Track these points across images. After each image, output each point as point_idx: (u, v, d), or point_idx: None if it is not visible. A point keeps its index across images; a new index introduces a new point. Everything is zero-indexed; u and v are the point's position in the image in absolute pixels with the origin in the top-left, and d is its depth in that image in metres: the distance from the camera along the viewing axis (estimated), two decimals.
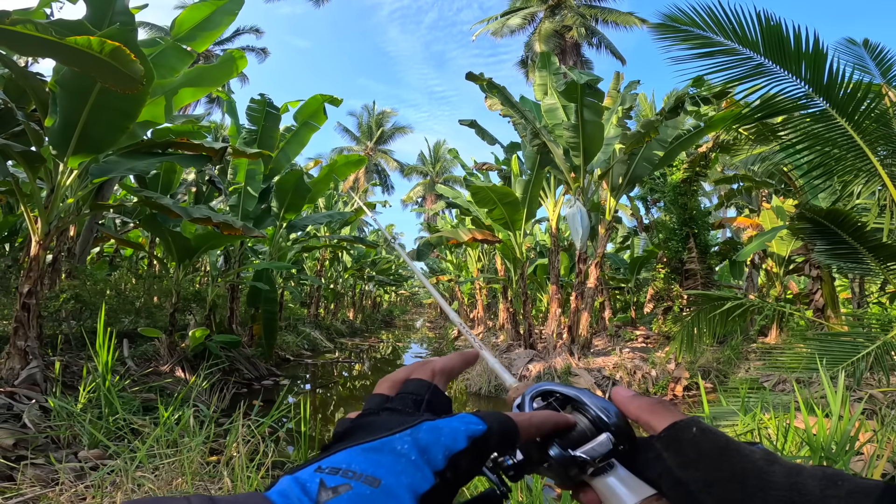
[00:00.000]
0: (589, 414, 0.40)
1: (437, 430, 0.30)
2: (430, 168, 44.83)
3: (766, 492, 0.30)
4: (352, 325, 19.77)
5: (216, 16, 5.64)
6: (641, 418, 0.39)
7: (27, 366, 4.36)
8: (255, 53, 29.85)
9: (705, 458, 0.33)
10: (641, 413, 0.39)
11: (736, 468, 0.32)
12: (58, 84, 4.27)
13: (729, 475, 0.32)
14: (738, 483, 0.31)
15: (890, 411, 3.46)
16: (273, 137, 8.48)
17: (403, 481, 0.27)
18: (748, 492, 0.30)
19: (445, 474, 0.28)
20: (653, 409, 0.39)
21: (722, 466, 0.32)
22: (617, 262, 15.94)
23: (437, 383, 0.39)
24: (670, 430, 0.36)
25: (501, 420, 0.33)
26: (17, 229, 9.46)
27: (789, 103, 4.14)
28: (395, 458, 0.28)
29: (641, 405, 0.39)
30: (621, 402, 0.41)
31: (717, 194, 20.32)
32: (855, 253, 4.33)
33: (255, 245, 10.79)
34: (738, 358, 8.29)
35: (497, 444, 0.33)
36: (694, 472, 0.33)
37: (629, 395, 0.41)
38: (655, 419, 0.38)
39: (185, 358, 6.61)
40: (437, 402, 0.37)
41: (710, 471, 0.32)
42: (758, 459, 0.32)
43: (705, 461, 0.33)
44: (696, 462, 0.33)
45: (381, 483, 0.26)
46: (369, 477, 0.26)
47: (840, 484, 0.29)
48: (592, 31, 27.11)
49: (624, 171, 8.99)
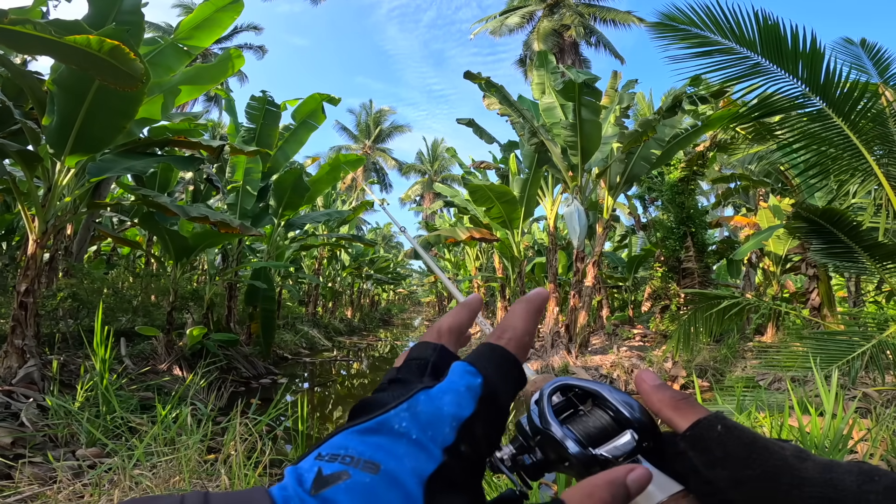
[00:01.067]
0: (610, 410, 0.38)
1: (435, 399, 0.27)
2: (428, 167, 44.81)
3: (800, 489, 0.29)
4: (350, 323, 19.77)
5: (217, 15, 5.63)
6: (664, 413, 0.37)
7: (25, 364, 4.35)
8: (253, 51, 29.79)
9: (732, 456, 0.32)
10: (664, 408, 0.37)
11: (766, 466, 0.31)
12: (55, 83, 4.26)
13: (759, 473, 0.30)
14: (769, 481, 0.30)
15: (885, 410, 3.48)
16: (272, 136, 8.47)
17: (406, 465, 0.24)
18: (782, 489, 0.29)
19: (459, 448, 0.25)
20: (676, 405, 0.36)
21: (751, 464, 0.31)
22: (615, 261, 15.97)
23: (446, 343, 0.34)
24: (694, 428, 0.34)
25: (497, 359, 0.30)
26: (14, 228, 9.44)
27: (786, 102, 4.15)
28: (394, 438, 0.25)
29: (664, 399, 0.37)
30: (645, 391, 0.39)
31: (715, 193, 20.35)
32: (851, 252, 4.35)
33: (253, 243, 10.78)
34: (734, 356, 8.32)
35: (504, 390, 0.29)
36: (721, 471, 0.32)
37: (653, 384, 0.38)
38: (678, 416, 0.36)
39: (182, 356, 6.61)
40: (445, 363, 0.32)
41: (739, 469, 0.31)
42: (788, 456, 0.31)
43: (732, 460, 0.32)
44: (722, 461, 0.32)
45: (380, 468, 0.23)
46: (368, 462, 0.24)
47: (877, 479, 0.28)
48: (591, 30, 27.11)
49: (621, 170, 9.00)
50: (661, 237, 11.21)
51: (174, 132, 6.33)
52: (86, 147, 4.61)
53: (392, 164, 44.16)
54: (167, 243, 6.52)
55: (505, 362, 0.30)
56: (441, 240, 10.29)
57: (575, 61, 26.38)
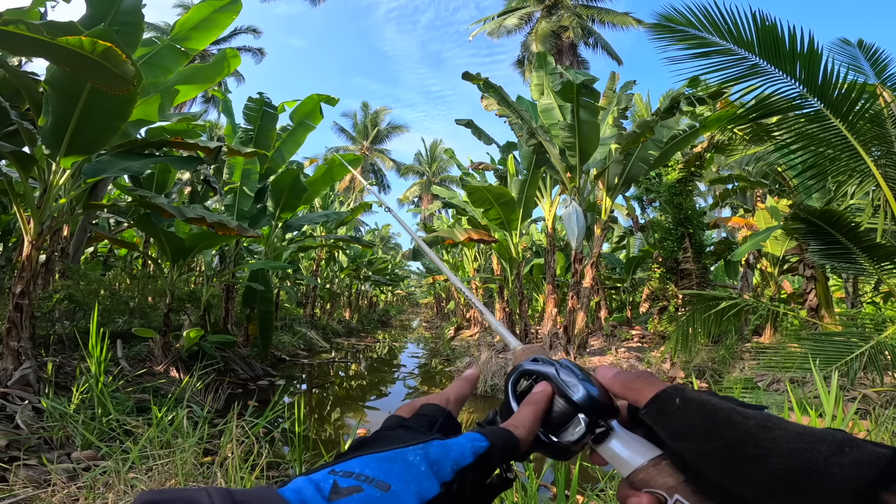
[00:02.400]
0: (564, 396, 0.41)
1: (446, 447, 0.32)
2: (426, 168, 44.82)
3: (764, 459, 0.29)
4: (348, 324, 19.73)
5: (214, 16, 5.62)
6: (627, 396, 0.39)
7: (20, 366, 4.33)
8: (251, 54, 29.76)
9: (694, 429, 0.32)
10: (624, 391, 0.39)
11: (728, 437, 0.31)
12: (48, 84, 4.24)
13: (722, 445, 0.31)
14: (733, 451, 0.30)
15: (884, 411, 3.47)
16: (269, 137, 8.46)
17: (412, 488, 0.28)
18: (746, 460, 0.29)
19: (452, 485, 0.30)
20: (633, 385, 0.38)
21: (713, 437, 0.31)
22: (613, 262, 15.98)
23: (451, 409, 0.41)
24: (652, 404, 0.36)
25: (503, 436, 0.36)
26: (10, 229, 9.40)
27: (784, 103, 4.16)
28: (405, 467, 0.30)
29: (624, 382, 0.39)
30: (606, 382, 0.41)
31: (712, 194, 20.39)
32: (849, 253, 4.35)
33: (250, 245, 10.75)
34: (732, 357, 8.32)
35: (500, 459, 0.35)
36: (685, 443, 0.32)
37: (612, 372, 0.41)
38: (636, 395, 0.37)
39: (179, 358, 6.58)
40: (449, 426, 0.39)
41: (702, 442, 0.31)
42: (752, 426, 0.31)
43: (695, 432, 0.32)
44: (685, 434, 0.33)
45: (390, 488, 0.28)
46: (380, 482, 0.28)
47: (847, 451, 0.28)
48: (589, 32, 27.15)
49: (620, 171, 9.00)
50: (659, 238, 11.22)
51: (171, 133, 6.31)
52: (81, 148, 4.59)
53: (390, 165, 44.16)
54: (164, 245, 6.49)
55: (510, 444, 0.36)
56: (439, 241, 10.27)
57: (573, 62, 26.42)
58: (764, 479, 0.29)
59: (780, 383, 5.71)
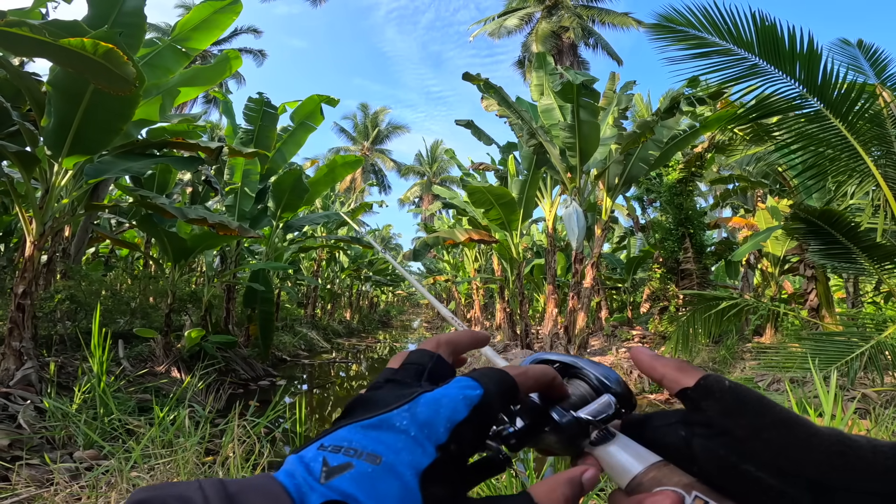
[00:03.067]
0: (589, 380, 0.40)
1: (435, 402, 0.30)
2: (427, 168, 44.84)
3: (818, 437, 0.29)
4: (349, 325, 19.74)
5: (215, 17, 5.64)
6: (669, 376, 0.37)
7: (22, 366, 4.34)
8: (252, 56, 29.80)
9: (748, 405, 0.32)
10: (669, 370, 0.37)
11: (781, 415, 0.31)
12: (51, 84, 4.25)
13: (777, 420, 0.31)
14: (787, 428, 0.30)
15: (884, 411, 3.48)
16: (270, 137, 8.47)
17: (404, 458, 0.27)
18: (800, 437, 0.30)
19: (449, 447, 0.28)
20: (680, 367, 0.37)
21: (767, 413, 0.31)
22: (613, 262, 15.98)
23: (442, 353, 0.38)
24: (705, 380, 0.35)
25: (497, 379, 0.33)
26: (11, 230, 9.41)
27: (784, 103, 4.16)
28: (394, 434, 0.28)
29: (668, 363, 0.38)
30: (644, 361, 0.39)
31: (713, 194, 20.39)
32: (849, 253, 4.35)
33: (251, 245, 10.77)
34: (733, 357, 8.32)
35: (498, 405, 0.32)
36: (739, 418, 0.32)
37: (651, 354, 0.39)
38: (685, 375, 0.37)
39: (180, 358, 6.59)
40: (440, 371, 0.36)
41: (756, 416, 0.31)
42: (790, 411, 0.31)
43: (749, 407, 0.32)
44: (738, 409, 0.32)
45: (381, 460, 0.26)
46: (370, 454, 0.26)
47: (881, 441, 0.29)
48: (589, 32, 27.16)
49: (620, 172, 9.01)
50: (660, 238, 11.22)
51: (172, 134, 6.33)
52: (83, 148, 4.61)
53: (391, 165, 44.18)
54: (165, 245, 6.50)
55: (506, 385, 0.33)
56: (440, 241, 10.28)
57: (573, 63, 26.42)
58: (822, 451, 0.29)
59: (781, 383, 5.72)
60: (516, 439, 0.36)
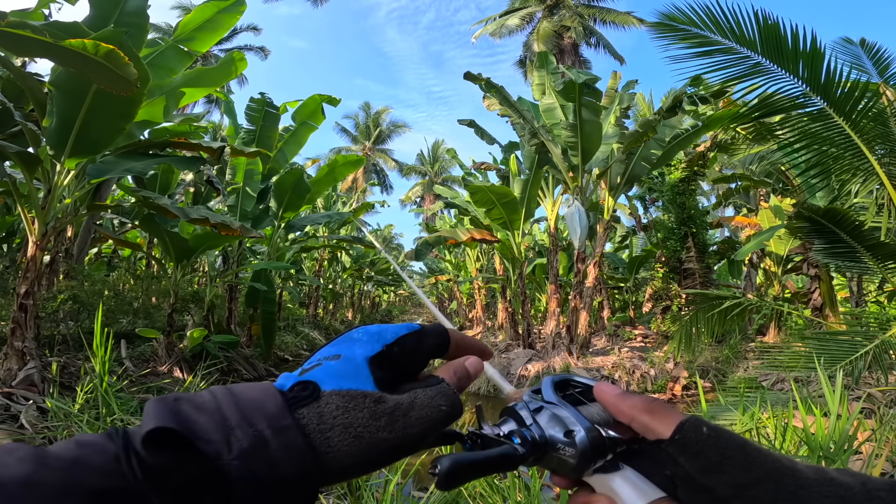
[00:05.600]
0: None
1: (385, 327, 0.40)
2: (428, 168, 44.83)
3: (808, 489, 0.28)
4: (351, 325, 19.75)
5: (219, 17, 5.63)
6: (639, 420, 0.35)
7: (24, 366, 4.35)
8: (254, 52, 29.85)
9: (730, 459, 0.30)
10: (638, 413, 0.35)
11: (767, 468, 0.29)
12: (54, 85, 4.26)
13: (762, 475, 0.29)
14: (773, 483, 0.28)
15: (888, 410, 3.46)
16: (271, 137, 8.47)
17: (358, 351, 0.37)
18: (788, 490, 0.28)
19: (393, 347, 0.38)
20: (651, 409, 0.35)
21: (751, 467, 0.29)
22: (615, 262, 15.95)
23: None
24: (680, 431, 0.32)
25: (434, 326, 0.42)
26: (14, 230, 9.44)
27: (787, 102, 4.14)
28: (350, 342, 0.38)
29: (637, 405, 0.35)
30: (609, 401, 0.37)
31: (716, 193, 20.34)
32: (853, 252, 4.33)
33: (253, 245, 10.77)
34: (736, 357, 8.30)
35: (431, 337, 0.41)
36: (720, 476, 0.30)
37: (616, 392, 0.37)
38: (657, 421, 0.34)
39: (183, 358, 6.60)
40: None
41: (740, 473, 0.29)
42: (780, 458, 0.30)
43: (731, 463, 0.30)
44: (720, 465, 0.30)
45: (340, 356, 0.36)
46: (332, 356, 0.37)
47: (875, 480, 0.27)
48: (591, 31, 27.13)
49: (622, 171, 8.99)
50: (662, 238, 11.20)
51: (175, 134, 6.33)
52: (85, 149, 4.61)
53: (392, 165, 44.18)
54: (168, 245, 6.51)
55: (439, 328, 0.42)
56: (442, 241, 10.27)
57: (575, 62, 26.39)
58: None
59: (785, 382, 5.70)
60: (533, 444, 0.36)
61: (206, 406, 0.31)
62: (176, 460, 0.28)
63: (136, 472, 0.26)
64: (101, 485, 0.26)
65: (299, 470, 0.30)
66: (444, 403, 0.36)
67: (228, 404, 0.31)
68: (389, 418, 0.33)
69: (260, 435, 0.30)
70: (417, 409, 0.34)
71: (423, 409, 0.35)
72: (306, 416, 0.32)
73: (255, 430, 0.30)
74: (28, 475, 0.24)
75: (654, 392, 8.19)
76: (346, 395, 0.33)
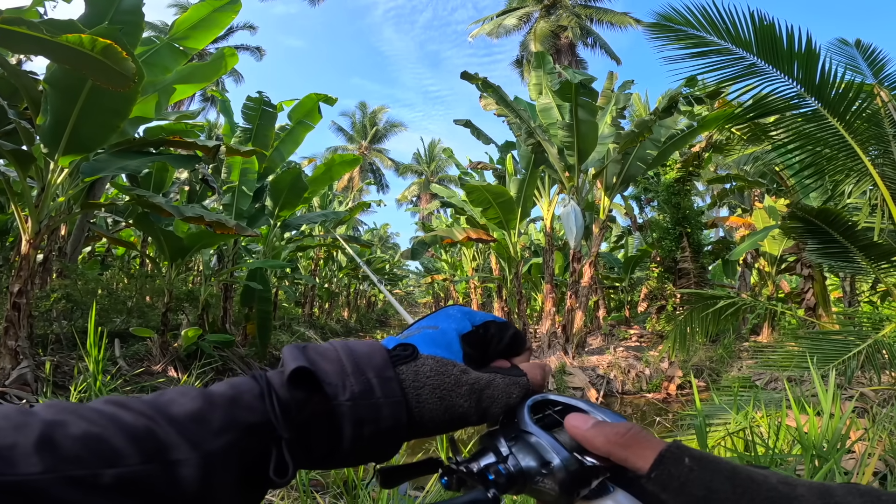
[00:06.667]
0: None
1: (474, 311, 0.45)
2: (425, 167, 44.79)
3: None
4: (346, 324, 19.73)
5: (214, 16, 5.61)
6: (615, 454, 0.32)
7: (18, 365, 4.32)
8: (250, 52, 29.72)
9: (716, 493, 0.28)
10: (613, 448, 0.32)
11: (759, 498, 0.27)
12: (48, 82, 4.23)
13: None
14: None
15: (881, 409, 3.49)
16: (268, 136, 8.44)
17: (452, 325, 0.42)
18: None
19: (479, 329, 0.43)
20: (626, 443, 0.32)
21: (741, 499, 0.27)
22: (611, 262, 16.00)
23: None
24: (659, 465, 0.30)
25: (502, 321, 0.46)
26: (7, 228, 9.37)
27: (781, 103, 4.16)
28: (447, 317, 0.44)
29: (611, 437, 0.33)
30: (580, 436, 0.34)
31: (710, 194, 20.41)
32: (846, 252, 4.36)
33: (248, 244, 10.73)
34: (730, 356, 8.34)
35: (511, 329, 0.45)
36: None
37: (587, 426, 0.34)
38: (633, 455, 0.31)
39: (177, 357, 6.57)
40: None
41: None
42: (777, 484, 0.27)
43: (719, 496, 0.27)
44: (707, 499, 0.28)
45: (438, 328, 0.42)
46: (431, 326, 0.42)
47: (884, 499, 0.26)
48: (587, 31, 27.16)
49: (618, 171, 9.02)
50: (658, 238, 11.24)
51: (170, 132, 6.30)
52: (79, 147, 4.58)
53: (389, 164, 44.12)
54: (162, 244, 6.48)
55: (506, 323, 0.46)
56: (438, 240, 10.28)
57: (571, 62, 26.43)
58: None
59: (778, 382, 5.73)
60: (508, 480, 0.34)
61: (329, 355, 0.36)
62: (307, 396, 0.34)
63: (275, 408, 0.32)
64: (251, 419, 0.31)
65: (393, 415, 0.35)
66: (516, 393, 0.40)
67: (346, 355, 0.36)
68: (469, 388, 0.38)
69: (368, 382, 0.35)
70: (492, 389, 0.38)
71: (496, 389, 0.39)
72: (405, 371, 0.37)
73: (365, 378, 0.35)
74: (198, 410, 0.30)
75: (649, 391, 8.22)
76: (439, 360, 0.38)
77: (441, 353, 0.39)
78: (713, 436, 2.58)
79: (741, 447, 2.29)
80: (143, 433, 0.28)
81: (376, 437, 0.35)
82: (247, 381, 0.34)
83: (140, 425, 0.28)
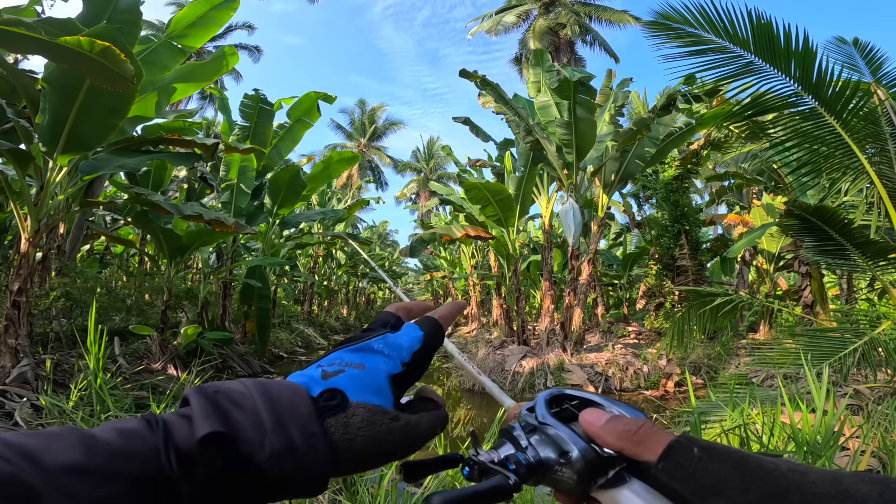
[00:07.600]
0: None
1: (399, 337, 0.43)
2: (423, 165, 44.75)
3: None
4: (345, 321, 19.76)
5: (211, 14, 5.61)
6: (627, 449, 0.33)
7: (18, 364, 4.33)
8: (248, 52, 29.63)
9: (726, 481, 0.28)
10: (625, 443, 0.33)
11: (769, 487, 0.27)
12: (46, 81, 4.23)
13: (763, 495, 0.27)
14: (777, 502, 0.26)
15: (876, 407, 3.51)
16: (266, 134, 8.45)
17: (381, 366, 0.39)
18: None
19: (410, 365, 0.41)
20: (636, 438, 0.33)
21: (751, 488, 0.27)
22: (609, 259, 16.01)
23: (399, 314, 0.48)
24: (668, 455, 0.31)
25: (431, 324, 0.45)
26: (6, 227, 9.36)
27: (779, 101, 4.17)
28: (373, 354, 0.40)
29: (622, 432, 0.34)
30: (594, 432, 0.35)
31: (709, 191, 20.43)
32: (843, 249, 4.38)
33: (247, 242, 10.74)
34: (728, 354, 8.37)
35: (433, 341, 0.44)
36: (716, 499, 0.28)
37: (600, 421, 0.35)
38: (644, 448, 0.32)
39: (177, 355, 6.59)
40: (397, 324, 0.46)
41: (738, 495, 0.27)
42: (787, 472, 0.27)
43: (728, 485, 0.28)
44: (715, 489, 0.28)
45: (365, 367, 0.38)
46: (357, 364, 0.38)
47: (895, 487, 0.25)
48: (586, 29, 27.12)
49: (616, 168, 9.03)
50: (656, 235, 11.26)
51: (168, 130, 6.30)
52: (78, 145, 4.59)
53: (387, 162, 44.06)
54: (161, 242, 6.49)
55: (437, 328, 0.45)
56: (437, 238, 10.28)
57: (570, 60, 26.40)
58: None
59: (775, 379, 5.76)
60: (527, 470, 0.35)
61: (244, 404, 0.33)
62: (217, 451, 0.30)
63: (172, 463, 0.29)
64: (141, 471, 0.28)
65: (317, 470, 0.33)
66: (440, 426, 0.41)
67: (265, 403, 0.33)
68: (401, 434, 0.37)
69: (290, 439, 0.32)
70: (421, 428, 0.38)
71: (424, 428, 0.39)
72: (334, 424, 0.34)
73: (287, 434, 0.32)
74: (75, 462, 0.26)
75: (647, 388, 8.26)
76: (370, 409, 0.36)
77: (371, 400, 0.37)
78: (709, 433, 2.60)
79: (736, 444, 2.31)
80: (7, 479, 0.24)
81: (297, 490, 0.33)
82: (140, 427, 0.30)
83: (3, 471, 0.24)
